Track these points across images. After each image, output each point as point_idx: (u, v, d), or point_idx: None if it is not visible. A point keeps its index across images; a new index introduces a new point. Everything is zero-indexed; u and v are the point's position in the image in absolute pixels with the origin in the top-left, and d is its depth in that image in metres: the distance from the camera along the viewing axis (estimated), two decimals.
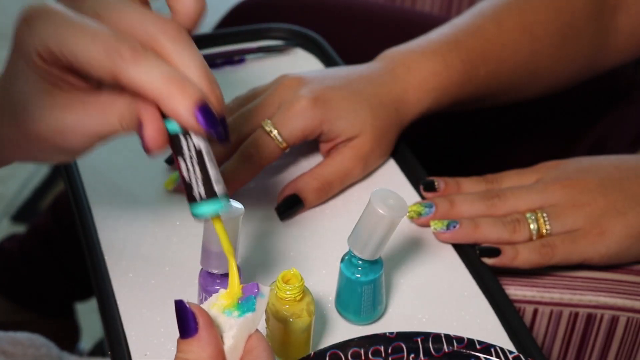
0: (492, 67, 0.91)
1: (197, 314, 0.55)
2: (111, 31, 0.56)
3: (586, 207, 0.82)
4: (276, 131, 0.82)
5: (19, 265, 1.35)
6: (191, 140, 0.57)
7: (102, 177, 0.86)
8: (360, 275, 0.72)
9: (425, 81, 0.88)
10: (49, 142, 0.60)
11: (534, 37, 0.92)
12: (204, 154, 0.57)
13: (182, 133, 0.57)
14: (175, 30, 0.57)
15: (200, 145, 0.57)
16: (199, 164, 0.57)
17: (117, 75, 0.56)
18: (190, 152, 0.57)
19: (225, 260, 0.60)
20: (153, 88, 0.55)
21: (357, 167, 0.85)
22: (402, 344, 0.68)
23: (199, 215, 0.58)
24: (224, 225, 0.59)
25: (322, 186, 0.83)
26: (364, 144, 0.85)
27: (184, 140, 0.57)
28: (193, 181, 0.57)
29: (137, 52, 0.55)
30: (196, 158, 0.57)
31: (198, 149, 0.57)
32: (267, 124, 0.82)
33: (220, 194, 0.57)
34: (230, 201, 0.64)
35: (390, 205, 0.67)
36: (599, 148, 1.11)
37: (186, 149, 0.57)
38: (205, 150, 0.57)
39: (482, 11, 0.92)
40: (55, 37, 0.56)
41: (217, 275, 0.69)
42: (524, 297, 0.83)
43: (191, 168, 0.57)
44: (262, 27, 1.03)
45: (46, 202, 1.86)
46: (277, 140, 0.82)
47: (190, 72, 0.57)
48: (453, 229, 0.81)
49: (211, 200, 0.57)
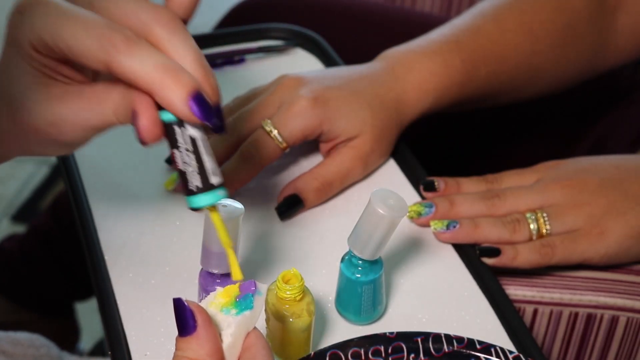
0: (492, 67, 0.91)
1: (195, 312, 0.55)
2: (104, 21, 0.56)
3: (586, 207, 0.82)
4: (276, 131, 0.82)
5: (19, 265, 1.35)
6: (186, 132, 0.56)
7: (102, 177, 0.86)
8: (360, 275, 0.72)
9: (425, 81, 0.88)
10: (45, 135, 0.60)
11: (535, 37, 0.92)
12: (199, 145, 0.56)
13: (177, 124, 0.56)
14: (170, 19, 0.57)
15: (196, 136, 0.56)
16: (194, 155, 0.56)
17: (110, 65, 0.55)
18: (185, 143, 0.56)
19: (225, 260, 0.60)
20: (146, 78, 0.55)
21: (357, 167, 0.85)
22: (402, 344, 0.68)
23: (195, 207, 0.57)
24: (225, 225, 0.59)
25: (323, 186, 0.83)
26: (364, 144, 0.85)
27: (180, 132, 0.56)
28: (189, 172, 0.56)
29: (130, 41, 0.55)
30: (192, 148, 0.56)
31: (193, 140, 0.56)
32: (267, 124, 0.82)
33: (216, 185, 0.57)
34: (230, 201, 0.63)
35: (390, 205, 0.67)
36: (599, 148, 1.11)
37: (182, 140, 0.56)
38: (201, 141, 0.56)
39: (483, 11, 0.92)
40: (49, 28, 0.56)
41: (218, 275, 0.69)
42: (524, 297, 0.82)
43: (187, 159, 0.56)
44: (262, 27, 1.03)
45: (46, 202, 1.86)
46: (277, 140, 0.82)
47: (184, 62, 0.57)
48: (453, 229, 0.81)
49: (208, 192, 0.57)
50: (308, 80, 0.85)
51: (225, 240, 0.59)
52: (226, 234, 0.59)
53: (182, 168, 0.56)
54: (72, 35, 0.55)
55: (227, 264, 0.65)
